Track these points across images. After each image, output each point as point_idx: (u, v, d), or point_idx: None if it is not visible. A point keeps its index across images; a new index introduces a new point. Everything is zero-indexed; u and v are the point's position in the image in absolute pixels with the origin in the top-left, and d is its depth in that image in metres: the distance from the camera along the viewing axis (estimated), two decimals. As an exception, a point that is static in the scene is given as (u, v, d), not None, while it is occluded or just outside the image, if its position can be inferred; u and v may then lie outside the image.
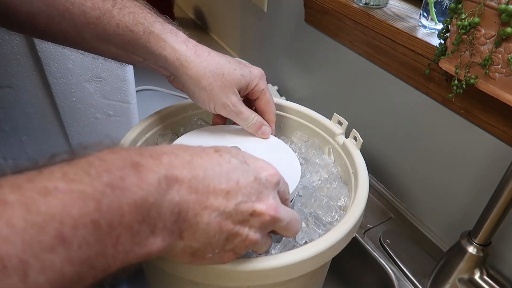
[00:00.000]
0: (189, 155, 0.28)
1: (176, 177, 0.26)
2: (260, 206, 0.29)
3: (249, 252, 0.43)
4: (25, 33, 0.50)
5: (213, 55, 0.44)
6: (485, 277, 0.50)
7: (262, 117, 0.49)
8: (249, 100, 0.50)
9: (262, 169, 0.31)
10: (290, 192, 0.38)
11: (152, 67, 0.45)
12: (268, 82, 0.94)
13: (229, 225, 0.28)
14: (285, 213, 0.32)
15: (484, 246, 0.49)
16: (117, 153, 0.25)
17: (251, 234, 0.30)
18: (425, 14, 0.58)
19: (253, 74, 0.47)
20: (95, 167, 0.22)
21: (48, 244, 0.19)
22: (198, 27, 1.35)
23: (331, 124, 0.56)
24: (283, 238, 0.44)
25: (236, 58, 0.47)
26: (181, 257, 0.28)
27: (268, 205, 0.30)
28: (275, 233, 0.34)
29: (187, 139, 0.49)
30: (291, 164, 0.47)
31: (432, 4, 0.55)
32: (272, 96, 0.51)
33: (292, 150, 0.57)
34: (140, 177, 0.24)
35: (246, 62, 0.49)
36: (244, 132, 0.50)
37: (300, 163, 0.55)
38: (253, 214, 0.29)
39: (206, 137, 0.50)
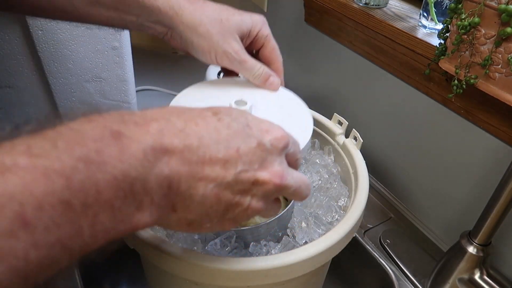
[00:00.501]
0: (183, 121, 0.25)
1: (166, 147, 0.23)
2: (263, 175, 0.27)
3: (249, 252, 0.43)
4: (15, 11, 0.47)
5: (208, 3, 0.41)
6: (485, 277, 0.50)
7: (269, 67, 0.45)
8: (252, 51, 0.46)
9: (267, 132, 0.28)
10: (302, 147, 0.35)
11: (147, 26, 0.41)
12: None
13: (228, 195, 0.26)
14: (292, 179, 0.29)
15: (484, 246, 0.49)
16: (94, 122, 0.22)
17: (254, 203, 0.27)
18: (425, 14, 0.58)
19: (254, 19, 0.43)
20: (65, 139, 0.20)
21: (6, 229, 0.17)
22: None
23: (331, 124, 0.56)
24: (283, 238, 0.44)
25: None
26: (176, 227, 0.26)
27: (273, 173, 0.27)
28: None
29: (186, 97, 0.45)
30: (302, 118, 0.43)
31: (432, 4, 0.55)
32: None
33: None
34: (121, 149, 0.21)
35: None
36: (250, 85, 0.45)
37: (300, 163, 0.55)
38: (256, 183, 0.26)
39: (208, 93, 0.45)
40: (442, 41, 0.51)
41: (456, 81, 0.48)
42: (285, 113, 0.40)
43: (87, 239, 0.20)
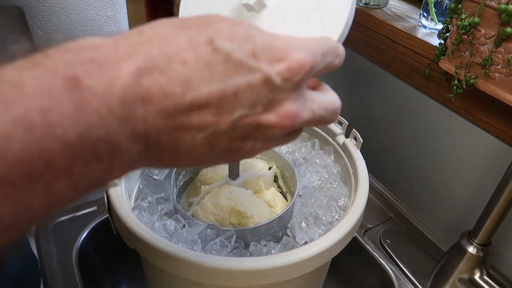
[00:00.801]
0: (165, 58, 0.19)
1: (140, 97, 0.18)
2: (269, 118, 0.21)
3: (249, 252, 0.43)
4: None
5: None
6: (485, 277, 0.50)
7: None
8: None
9: (280, 61, 0.21)
10: (338, 37, 0.29)
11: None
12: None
13: (224, 143, 0.21)
14: (311, 111, 0.23)
15: (484, 246, 0.49)
16: (42, 66, 0.16)
17: (258, 145, 0.23)
18: (425, 14, 0.58)
19: None
20: None
21: None
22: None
23: (331, 124, 0.56)
24: (283, 238, 0.44)
25: None
26: (167, 167, 0.23)
27: (282, 115, 0.21)
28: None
29: None
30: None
31: (432, 4, 0.55)
32: None
33: (292, 150, 0.57)
34: (76, 105, 0.16)
35: None
36: None
37: (300, 163, 0.55)
38: (259, 127, 0.21)
39: None
40: (442, 41, 0.51)
41: (456, 81, 0.48)
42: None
43: (40, 210, 0.16)
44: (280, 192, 0.54)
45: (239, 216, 0.45)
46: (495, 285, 0.49)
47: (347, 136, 0.53)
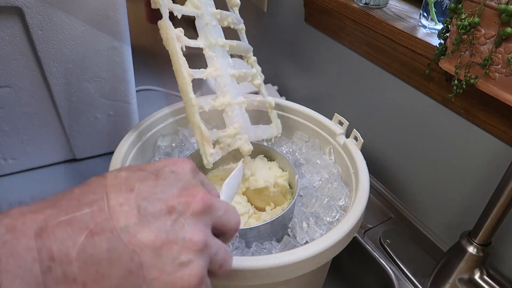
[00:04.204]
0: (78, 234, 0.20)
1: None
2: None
3: (250, 251, 0.43)
4: None
5: None
6: (485, 277, 0.50)
7: None
8: None
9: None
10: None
11: None
12: (268, 82, 0.94)
13: None
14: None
15: (484, 246, 0.49)
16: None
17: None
18: (425, 14, 0.58)
19: None
20: None
21: None
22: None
23: (331, 124, 0.56)
24: (284, 238, 0.44)
25: None
26: None
27: None
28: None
29: None
30: None
31: (432, 4, 0.55)
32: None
33: (292, 150, 0.57)
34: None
35: None
36: None
37: (301, 163, 0.55)
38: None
39: None
40: (442, 41, 0.51)
41: (456, 81, 0.48)
42: None
43: None
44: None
45: (245, 182, 0.47)
46: (495, 285, 0.49)
47: (347, 136, 0.54)
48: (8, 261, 0.19)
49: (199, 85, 0.90)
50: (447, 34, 0.50)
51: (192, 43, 0.47)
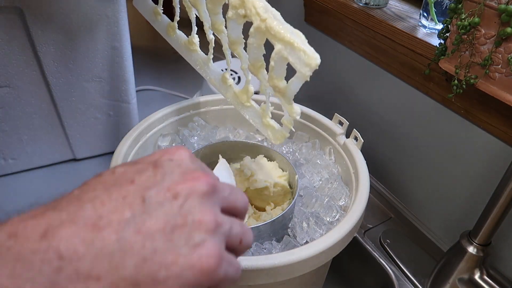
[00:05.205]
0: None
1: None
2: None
3: (250, 251, 0.43)
4: None
5: None
6: (485, 277, 0.50)
7: None
8: None
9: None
10: None
11: None
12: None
13: None
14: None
15: (484, 246, 0.49)
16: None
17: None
18: (425, 14, 0.58)
19: None
20: None
21: None
22: (198, 27, 1.35)
23: (331, 124, 0.56)
24: (284, 238, 0.44)
25: None
26: None
27: None
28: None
29: None
30: None
31: (432, 4, 0.55)
32: None
33: (293, 150, 0.57)
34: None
35: None
36: None
37: (301, 163, 0.55)
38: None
39: None
40: (442, 41, 0.51)
41: (456, 81, 0.48)
42: None
43: None
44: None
45: (244, 182, 0.47)
46: (495, 285, 0.49)
47: (347, 136, 0.54)
48: (15, 266, 0.18)
49: (199, 85, 0.90)
50: (447, 34, 0.50)
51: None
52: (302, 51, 0.33)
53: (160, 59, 1.13)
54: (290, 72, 0.38)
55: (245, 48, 0.42)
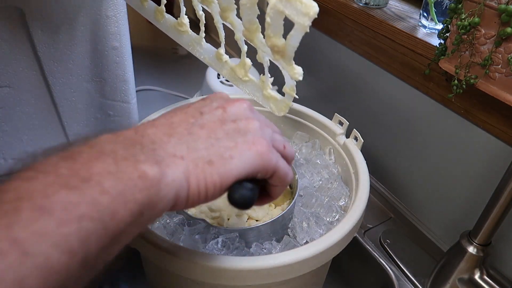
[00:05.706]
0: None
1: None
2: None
3: (250, 251, 0.43)
4: None
5: None
6: (485, 277, 0.50)
7: None
8: None
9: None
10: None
11: None
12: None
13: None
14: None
15: (484, 246, 0.49)
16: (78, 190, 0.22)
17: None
18: (425, 14, 0.58)
19: None
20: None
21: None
22: (198, 27, 1.35)
23: (331, 124, 0.56)
24: (284, 238, 0.44)
25: None
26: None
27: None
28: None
29: None
30: None
31: (432, 4, 0.55)
32: None
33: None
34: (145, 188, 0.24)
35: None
36: None
37: (301, 163, 0.55)
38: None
39: None
40: (442, 41, 0.51)
41: (456, 81, 0.48)
42: None
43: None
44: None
45: (234, 216, 0.45)
46: (495, 285, 0.49)
47: (347, 136, 0.54)
48: (125, 143, 0.26)
49: (199, 85, 0.90)
50: (447, 34, 0.50)
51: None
52: (298, 1, 0.33)
53: (160, 59, 1.13)
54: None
55: (237, 16, 0.41)
